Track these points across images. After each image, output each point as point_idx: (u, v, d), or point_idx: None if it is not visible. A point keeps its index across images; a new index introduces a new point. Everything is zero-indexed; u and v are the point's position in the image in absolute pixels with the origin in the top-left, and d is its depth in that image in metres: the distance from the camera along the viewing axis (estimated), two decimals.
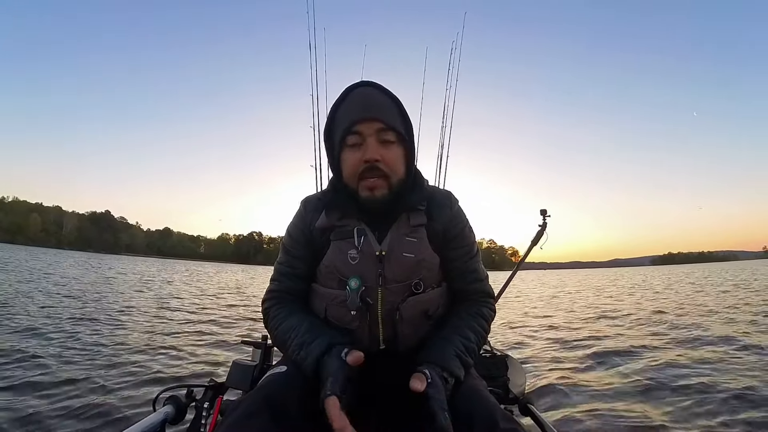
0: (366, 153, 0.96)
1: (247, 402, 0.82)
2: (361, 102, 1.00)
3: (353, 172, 0.99)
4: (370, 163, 0.96)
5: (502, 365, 1.63)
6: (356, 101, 1.01)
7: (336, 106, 1.04)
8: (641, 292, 14.75)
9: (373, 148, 0.97)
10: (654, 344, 4.94)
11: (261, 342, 1.47)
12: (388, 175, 0.98)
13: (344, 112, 1.01)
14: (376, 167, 0.97)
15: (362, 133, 0.97)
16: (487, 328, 1.08)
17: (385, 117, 0.98)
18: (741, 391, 3.04)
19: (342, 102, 1.03)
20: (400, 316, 1.00)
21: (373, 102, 1.00)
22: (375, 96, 1.02)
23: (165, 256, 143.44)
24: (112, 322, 6.04)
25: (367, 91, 1.02)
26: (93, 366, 3.62)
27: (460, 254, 1.09)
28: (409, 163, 1.04)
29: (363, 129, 0.97)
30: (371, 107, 0.99)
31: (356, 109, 0.99)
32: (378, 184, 0.98)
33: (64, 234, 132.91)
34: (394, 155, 1.00)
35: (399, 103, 1.04)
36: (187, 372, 3.65)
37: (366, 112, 0.98)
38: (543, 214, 2.51)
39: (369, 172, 0.97)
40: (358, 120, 0.97)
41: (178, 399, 1.25)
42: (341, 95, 1.04)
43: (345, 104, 1.02)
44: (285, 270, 1.10)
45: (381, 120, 0.97)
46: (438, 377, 0.86)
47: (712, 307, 8.76)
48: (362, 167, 0.97)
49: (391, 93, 1.04)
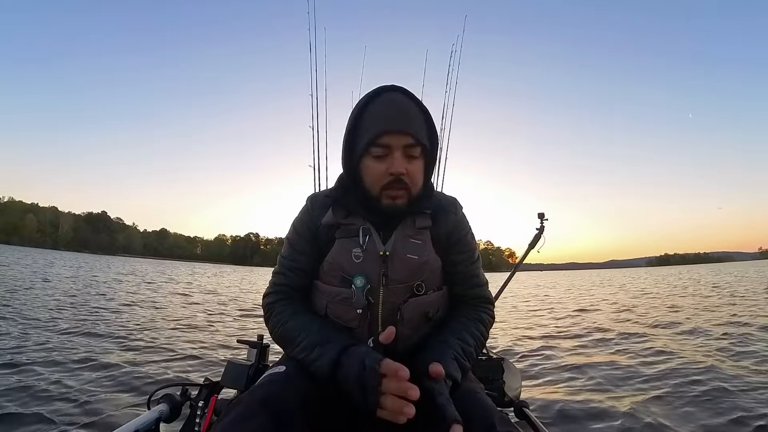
0: (392, 166, 0.96)
1: (244, 403, 0.81)
2: (391, 111, 0.98)
3: (377, 182, 0.99)
4: (396, 177, 0.97)
5: (498, 369, 1.62)
6: (385, 108, 0.99)
7: (362, 107, 1.01)
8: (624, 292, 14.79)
9: (399, 162, 0.96)
10: (654, 346, 4.95)
11: (256, 341, 1.47)
12: (410, 187, 1.00)
13: (372, 118, 0.99)
14: (402, 180, 0.97)
15: (390, 145, 0.96)
16: (486, 334, 1.09)
17: (414, 131, 0.97)
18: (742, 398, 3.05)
19: (368, 105, 1.01)
20: (400, 316, 1.00)
21: (402, 113, 0.98)
22: (405, 105, 1.00)
23: (161, 257, 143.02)
24: (106, 321, 6.01)
25: (397, 98, 1.00)
26: (85, 364, 3.59)
27: (462, 259, 1.11)
28: (428, 174, 1.06)
29: (391, 141, 0.96)
30: (401, 120, 0.97)
31: (386, 119, 0.97)
32: (400, 195, 0.99)
33: (60, 235, 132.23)
34: (416, 169, 1.00)
35: (427, 114, 1.03)
36: (182, 371, 3.64)
37: (396, 125, 0.96)
38: (541, 218, 2.52)
39: (394, 184, 0.98)
40: (387, 131, 0.96)
41: (172, 397, 1.25)
42: (367, 97, 1.02)
43: (372, 108, 1.00)
44: (289, 264, 1.10)
45: (410, 134, 0.97)
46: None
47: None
48: (387, 179, 0.97)
49: (420, 102, 1.02)
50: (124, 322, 6.14)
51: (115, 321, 6.17)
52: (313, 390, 0.87)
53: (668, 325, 6.45)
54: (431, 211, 1.08)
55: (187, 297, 11.29)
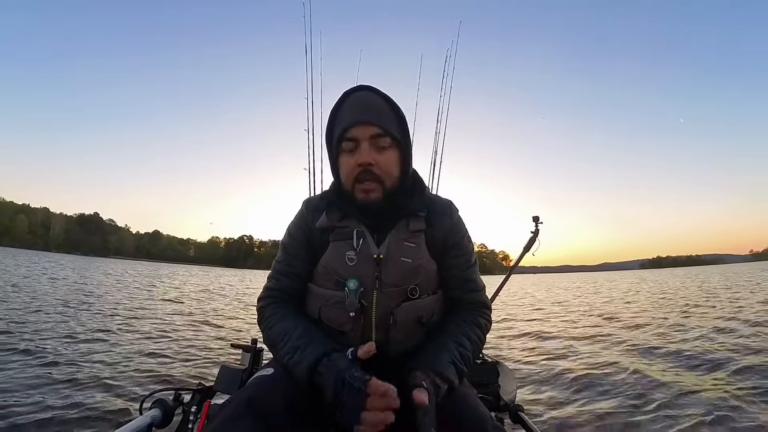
0: (360, 157, 0.98)
1: (231, 406, 0.82)
2: (357, 106, 1.01)
3: (349, 176, 1.01)
4: (364, 167, 0.98)
5: (493, 372, 1.62)
6: (352, 105, 1.02)
7: (335, 110, 1.05)
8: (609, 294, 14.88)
9: (366, 152, 0.98)
10: (650, 349, 4.98)
11: (250, 346, 1.46)
12: (382, 178, 1.00)
13: (341, 116, 1.02)
14: (370, 171, 0.98)
15: (357, 137, 0.99)
16: (483, 338, 1.08)
17: (380, 121, 0.99)
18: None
19: (340, 106, 1.04)
20: (393, 320, 1.00)
21: (368, 106, 1.01)
22: (371, 100, 1.02)
23: (154, 259, 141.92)
24: (102, 324, 5.95)
25: (363, 95, 1.03)
26: (77, 369, 3.56)
27: (458, 263, 1.10)
28: (404, 166, 1.05)
29: (357, 134, 0.98)
30: (366, 112, 0.99)
31: (351, 114, 1.00)
32: (372, 188, 0.99)
33: (51, 236, 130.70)
34: (388, 159, 1.01)
35: (395, 107, 1.05)
36: (175, 375, 3.61)
37: (360, 117, 0.99)
38: (535, 221, 2.53)
39: (363, 175, 0.99)
40: (353, 125, 0.98)
41: (165, 402, 1.24)
42: (339, 99, 1.05)
43: (342, 108, 1.03)
44: (283, 268, 1.10)
45: (375, 124, 0.99)
46: (431, 385, 0.85)
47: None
48: (357, 171, 0.99)
49: (387, 96, 1.05)
50: (112, 325, 6.08)
51: (103, 324, 6.11)
52: (299, 391, 0.87)
53: (670, 329, 6.45)
54: (425, 214, 1.07)
55: (181, 300, 11.21)
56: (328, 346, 0.91)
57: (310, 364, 0.87)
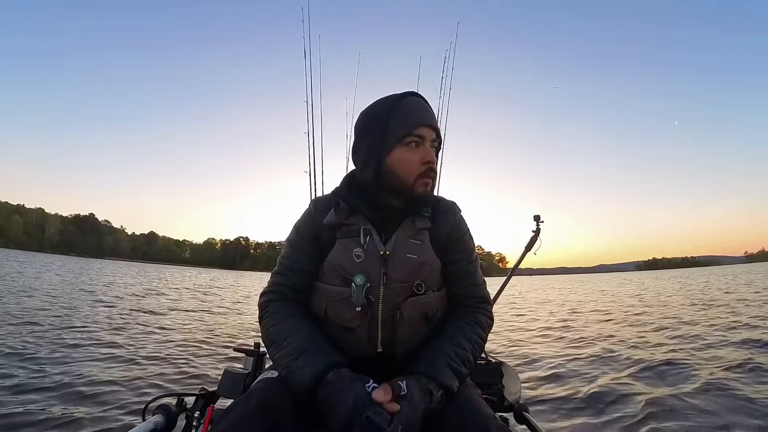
0: (426, 155, 1.04)
1: (240, 409, 0.81)
2: (422, 109, 1.07)
3: (413, 170, 1.04)
4: (429, 165, 1.04)
5: (497, 372, 1.61)
6: (417, 107, 1.07)
7: (389, 108, 1.06)
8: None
9: (430, 152, 1.05)
10: (660, 350, 5.01)
11: (253, 350, 1.46)
12: (434, 178, 1.08)
13: (405, 114, 1.06)
14: (433, 169, 1.06)
15: (423, 136, 1.04)
16: (484, 336, 1.09)
17: (438, 128, 1.09)
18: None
19: (397, 104, 1.07)
20: (400, 315, 1.01)
21: (430, 111, 1.09)
22: (429, 106, 1.10)
23: (150, 260, 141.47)
24: (100, 328, 5.92)
25: (421, 101, 1.10)
26: (79, 373, 3.54)
27: (460, 258, 1.13)
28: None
29: (425, 133, 1.05)
30: (431, 116, 1.08)
31: (420, 114, 1.06)
32: (429, 184, 1.07)
33: (46, 237, 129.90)
34: (437, 161, 1.10)
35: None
36: (177, 380, 3.59)
37: (429, 120, 1.06)
38: (536, 220, 2.53)
39: (428, 172, 1.05)
40: (422, 124, 1.04)
41: (168, 408, 1.23)
42: (391, 98, 1.08)
43: (403, 106, 1.06)
44: (289, 264, 1.10)
45: (436, 129, 1.07)
46: (420, 390, 0.85)
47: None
48: (423, 168, 1.04)
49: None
50: (114, 328, 6.06)
51: (105, 327, 6.08)
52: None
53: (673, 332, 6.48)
54: (430, 214, 1.11)
55: (179, 302, 11.17)
56: (335, 356, 0.91)
57: (317, 372, 0.86)
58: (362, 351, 1.03)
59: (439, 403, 0.88)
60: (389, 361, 1.03)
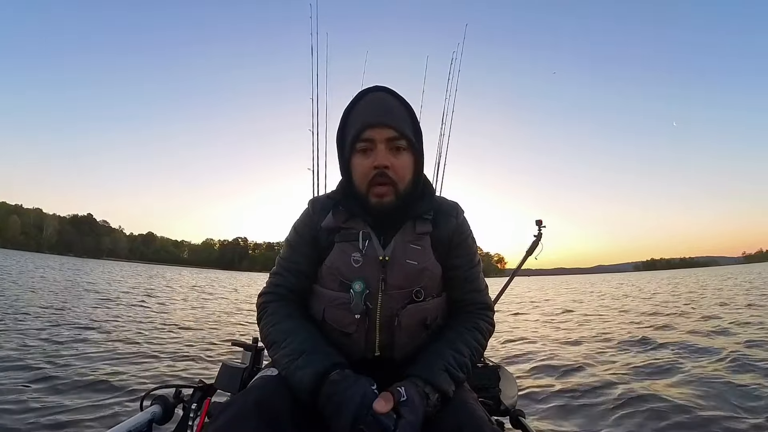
0: (376, 159, 0.97)
1: (237, 405, 0.80)
2: (374, 107, 1.00)
3: (363, 178, 0.99)
4: (379, 170, 0.97)
5: (494, 376, 1.59)
6: (369, 106, 1.01)
7: (349, 109, 1.04)
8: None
9: (382, 154, 0.97)
10: (654, 354, 5.01)
11: (251, 344, 1.46)
12: (396, 182, 0.99)
13: (356, 116, 1.01)
14: (385, 174, 0.97)
15: (373, 139, 0.97)
16: (484, 342, 1.06)
17: (396, 124, 0.98)
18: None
19: (354, 106, 1.03)
20: (398, 322, 0.99)
21: (385, 108, 1.00)
22: (388, 101, 1.02)
23: (148, 261, 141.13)
24: (98, 323, 5.91)
25: (380, 96, 1.02)
26: (78, 364, 3.54)
27: (461, 263, 1.09)
28: (417, 171, 1.05)
29: (374, 135, 0.97)
30: (384, 113, 0.99)
31: (368, 115, 0.99)
32: (386, 192, 0.99)
33: (44, 237, 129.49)
34: (402, 163, 1.00)
35: (410, 110, 1.05)
36: (175, 373, 3.59)
37: (378, 118, 0.98)
38: (539, 225, 2.53)
39: (378, 178, 0.97)
40: (370, 126, 0.97)
41: (165, 399, 1.24)
42: (354, 99, 1.04)
43: (357, 108, 1.02)
44: (288, 265, 1.09)
45: (392, 127, 0.98)
46: (417, 394, 0.84)
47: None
48: (372, 173, 0.97)
49: (403, 99, 1.05)
50: (114, 324, 6.05)
51: (103, 322, 6.07)
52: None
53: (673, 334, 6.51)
54: (432, 216, 1.07)
55: (179, 299, 11.15)
56: (336, 357, 0.90)
57: (318, 372, 0.85)
58: (360, 355, 1.01)
59: (435, 407, 0.87)
60: (387, 364, 1.01)
